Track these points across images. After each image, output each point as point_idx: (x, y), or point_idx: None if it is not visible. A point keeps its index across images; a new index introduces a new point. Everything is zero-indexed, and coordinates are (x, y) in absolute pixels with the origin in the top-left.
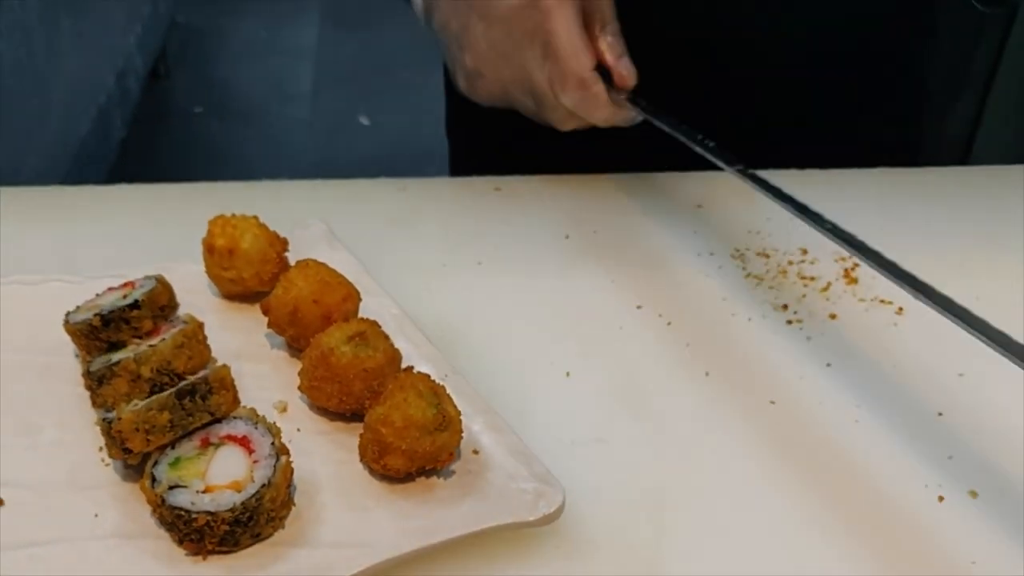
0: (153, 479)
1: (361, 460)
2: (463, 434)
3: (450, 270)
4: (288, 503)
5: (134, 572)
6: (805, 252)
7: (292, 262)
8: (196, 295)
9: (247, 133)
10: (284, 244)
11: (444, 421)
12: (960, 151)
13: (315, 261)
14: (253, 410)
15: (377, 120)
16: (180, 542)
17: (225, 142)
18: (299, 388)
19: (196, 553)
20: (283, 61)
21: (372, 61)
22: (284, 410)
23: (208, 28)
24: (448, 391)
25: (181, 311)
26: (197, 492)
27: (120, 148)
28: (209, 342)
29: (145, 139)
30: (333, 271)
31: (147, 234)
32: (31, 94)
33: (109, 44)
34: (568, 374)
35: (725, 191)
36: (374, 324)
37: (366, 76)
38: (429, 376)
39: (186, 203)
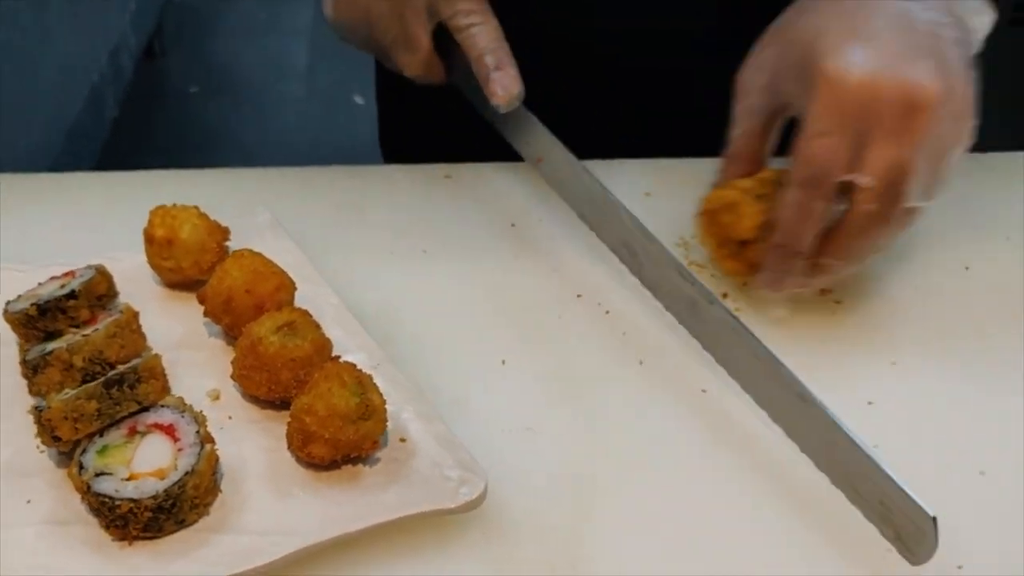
0: (80, 466)
1: (288, 448)
2: (390, 422)
3: (396, 258)
4: (213, 490)
5: (62, 557)
6: None
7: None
8: (140, 284)
9: (242, 112)
10: (225, 234)
11: (368, 410)
12: None
13: (251, 251)
14: (181, 399)
15: (372, 99)
16: (107, 528)
17: (220, 121)
18: (231, 376)
19: (122, 539)
20: (279, 40)
21: None
22: (217, 398)
23: (204, 7)
24: (378, 380)
25: (125, 300)
26: (122, 480)
27: (113, 127)
28: (149, 330)
29: (139, 119)
30: (268, 261)
31: (100, 222)
32: (21, 73)
33: (102, 22)
34: (504, 362)
35: (675, 179)
36: (304, 314)
37: (361, 56)
38: (355, 366)
39: (142, 191)
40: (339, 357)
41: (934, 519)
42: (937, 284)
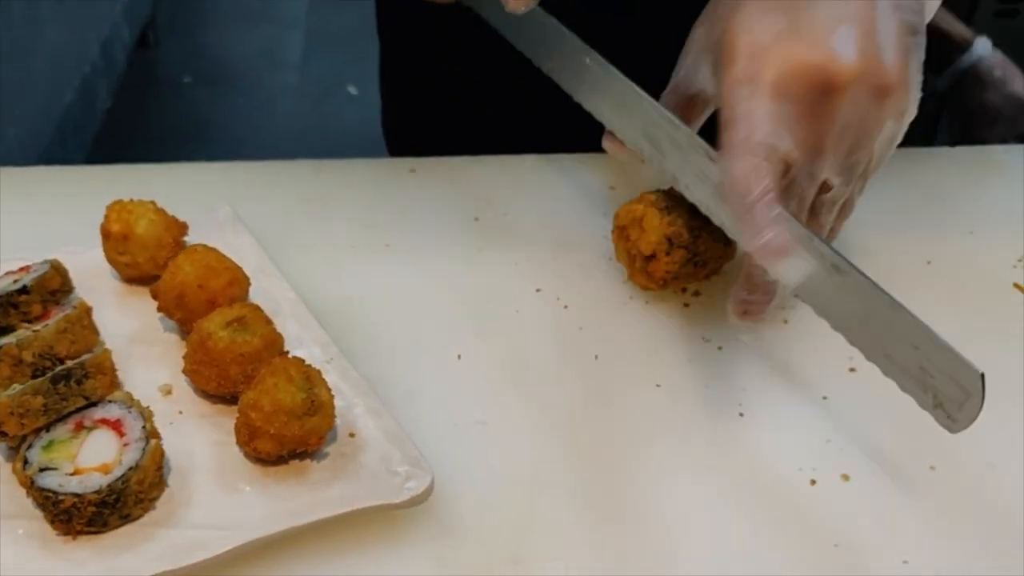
0: (25, 461)
1: (237, 443)
2: (340, 417)
3: (359, 252)
4: (159, 485)
5: (7, 551)
6: None
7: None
8: (99, 278)
9: (236, 102)
10: (182, 229)
11: (314, 406)
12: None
13: (204, 246)
14: (128, 394)
15: (365, 90)
16: (52, 522)
17: (213, 112)
18: (183, 371)
19: (66, 533)
20: (273, 30)
21: (362, 30)
22: (169, 392)
23: None
24: (330, 374)
25: (81, 294)
26: (66, 474)
27: (105, 119)
28: (104, 324)
29: (131, 109)
30: (221, 256)
31: (62, 216)
32: (11, 63)
33: (94, 12)
34: (459, 356)
35: (640, 173)
36: (255, 309)
37: (356, 45)
38: (303, 361)
39: (105, 184)
40: (286, 353)
41: (982, 375)
42: (898, 279)
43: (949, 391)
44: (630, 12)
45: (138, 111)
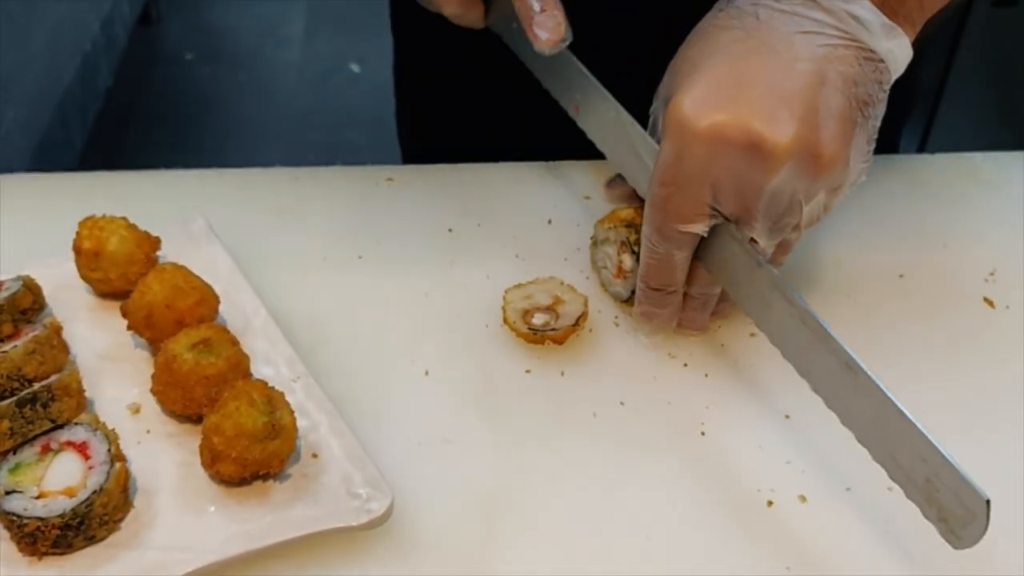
0: None
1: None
2: (303, 438)
3: (330, 264)
4: (124, 506)
5: None
6: None
7: (167, 259)
8: (73, 291)
9: (237, 80)
10: (154, 244)
11: (275, 430)
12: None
13: (173, 265)
14: (95, 416)
15: (368, 68)
16: (17, 544)
17: (215, 89)
18: (151, 391)
19: (32, 555)
20: (275, 6)
21: (365, 8)
22: (137, 411)
23: None
24: (295, 394)
25: (56, 307)
26: (31, 498)
27: (106, 97)
28: (76, 340)
29: (133, 87)
30: (189, 275)
31: (38, 227)
32: (9, 42)
33: None
34: (427, 373)
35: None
36: (221, 330)
37: (358, 23)
38: (266, 384)
39: (83, 193)
40: (248, 376)
41: (987, 501)
42: (869, 291)
43: (954, 509)
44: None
45: (140, 89)
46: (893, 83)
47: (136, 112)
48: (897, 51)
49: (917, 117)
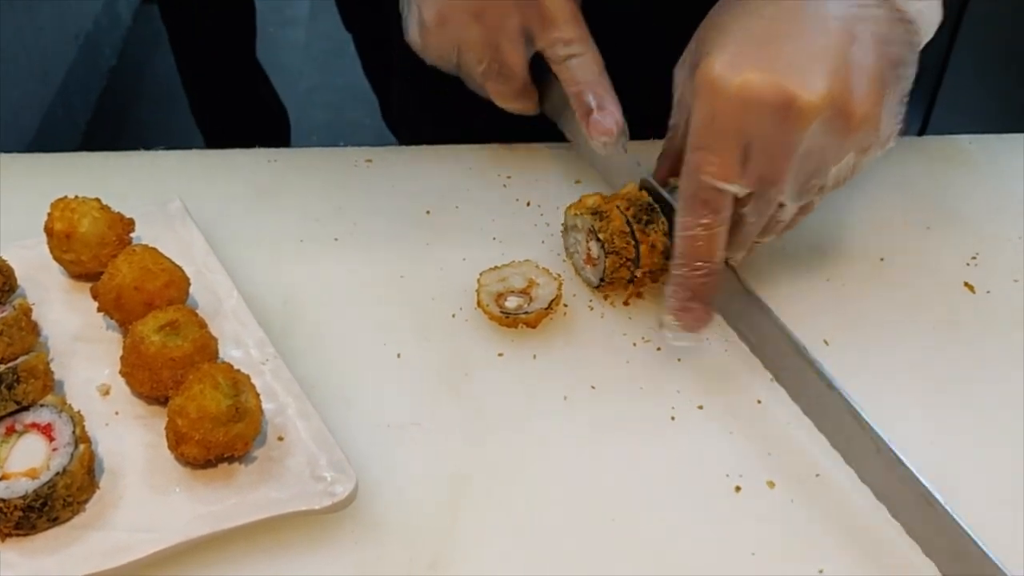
0: None
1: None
2: (270, 420)
3: (306, 246)
4: (89, 487)
5: None
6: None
7: (141, 241)
8: (47, 272)
9: None
10: (127, 226)
11: (239, 413)
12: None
13: (144, 247)
14: (61, 399)
15: None
16: None
17: None
18: (119, 372)
19: None
20: None
21: None
22: (107, 392)
23: None
24: (263, 377)
25: (29, 288)
26: None
27: (109, 77)
28: (48, 321)
29: (136, 67)
30: (159, 257)
31: (13, 207)
32: (11, 22)
33: None
34: (399, 355)
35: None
36: (189, 313)
37: None
38: (231, 367)
39: (60, 173)
40: (216, 358)
41: None
42: (850, 275)
43: None
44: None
45: (143, 68)
46: None
47: (140, 92)
48: (928, 12)
49: (918, 100)
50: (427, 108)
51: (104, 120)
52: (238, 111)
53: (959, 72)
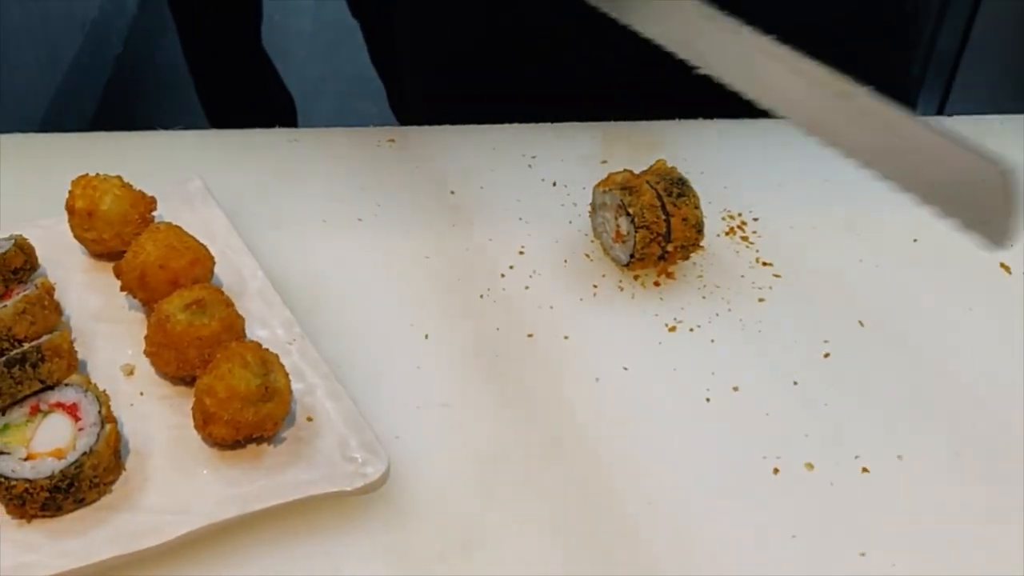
0: None
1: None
2: (299, 401)
3: (330, 226)
4: (115, 468)
5: None
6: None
7: (163, 220)
8: (69, 252)
9: None
10: (149, 204)
11: (268, 392)
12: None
13: (168, 225)
14: (86, 378)
15: None
16: (6, 506)
17: None
18: (144, 352)
19: (21, 517)
20: None
21: None
22: (131, 373)
23: None
24: (291, 357)
25: (50, 268)
26: (19, 459)
27: (115, 64)
28: (71, 301)
29: (142, 56)
30: (184, 235)
31: (34, 186)
32: (17, 8)
33: None
34: (427, 336)
35: (631, 145)
36: (216, 291)
37: None
38: (260, 345)
39: (80, 153)
40: (243, 337)
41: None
42: (885, 256)
43: (983, 201)
44: None
45: (149, 56)
46: (911, 48)
47: (146, 80)
48: None
49: (935, 82)
50: (434, 97)
51: (110, 108)
52: (245, 99)
53: (976, 54)
